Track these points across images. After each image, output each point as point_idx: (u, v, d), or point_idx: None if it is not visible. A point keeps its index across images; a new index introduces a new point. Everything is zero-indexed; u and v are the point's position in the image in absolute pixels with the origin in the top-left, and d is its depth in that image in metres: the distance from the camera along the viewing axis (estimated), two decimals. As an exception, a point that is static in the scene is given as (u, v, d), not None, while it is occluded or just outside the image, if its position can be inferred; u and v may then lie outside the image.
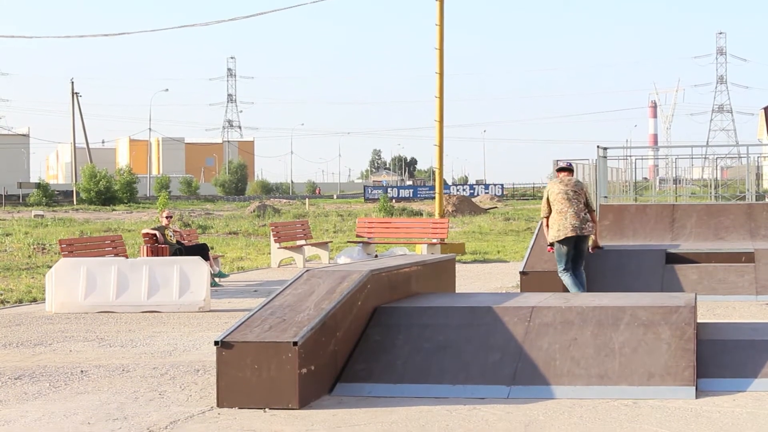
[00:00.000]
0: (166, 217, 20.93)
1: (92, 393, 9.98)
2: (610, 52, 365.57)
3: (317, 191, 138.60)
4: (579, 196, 14.60)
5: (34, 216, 53.90)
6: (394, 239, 28.31)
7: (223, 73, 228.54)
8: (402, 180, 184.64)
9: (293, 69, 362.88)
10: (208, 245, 21.93)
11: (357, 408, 9.04)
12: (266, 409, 8.95)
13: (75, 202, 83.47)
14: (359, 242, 27.20)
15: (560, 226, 14.49)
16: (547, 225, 14.71)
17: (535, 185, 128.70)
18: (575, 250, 14.69)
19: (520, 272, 16.25)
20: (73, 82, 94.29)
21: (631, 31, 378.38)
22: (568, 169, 14.94)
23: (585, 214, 14.60)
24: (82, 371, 11.14)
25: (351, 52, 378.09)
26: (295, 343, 9.03)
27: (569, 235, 14.46)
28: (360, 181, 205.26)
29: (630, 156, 40.80)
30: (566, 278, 14.64)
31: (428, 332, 10.37)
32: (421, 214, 51.68)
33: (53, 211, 65.85)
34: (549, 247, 14.96)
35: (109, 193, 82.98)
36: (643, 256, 17.88)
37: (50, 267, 18.07)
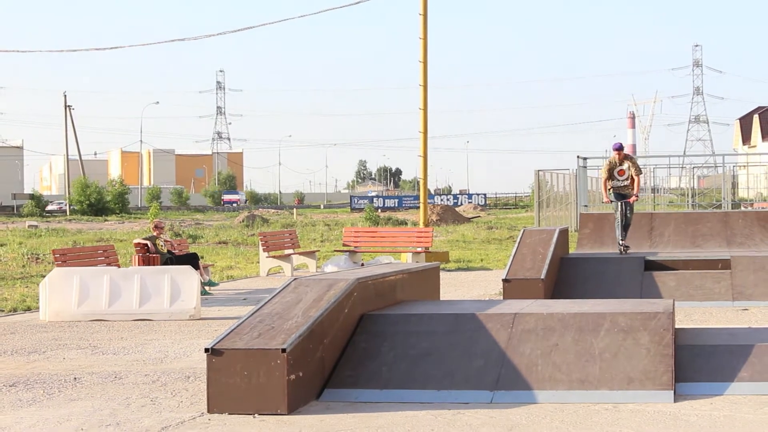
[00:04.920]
0: (157, 227, 20.89)
1: (85, 399, 9.96)
2: (590, 64, 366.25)
3: (296, 201, 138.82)
4: (627, 169, 19.03)
5: (28, 226, 53.74)
6: (379, 248, 28.29)
7: (212, 86, 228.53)
8: (388, 190, 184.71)
9: (281, 82, 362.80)
10: (198, 254, 21.89)
11: (344, 413, 9.04)
12: (255, 415, 8.94)
13: (68, 213, 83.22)
14: (346, 251, 27.17)
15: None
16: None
17: (517, 194, 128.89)
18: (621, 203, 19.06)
19: (503, 280, 16.26)
20: (65, 96, 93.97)
21: (609, 44, 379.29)
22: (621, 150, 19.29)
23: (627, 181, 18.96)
24: (75, 378, 11.12)
25: (337, 65, 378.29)
26: (283, 350, 9.02)
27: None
28: (346, 191, 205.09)
29: (609, 166, 40.68)
30: (617, 215, 18.97)
31: (413, 339, 10.37)
32: (406, 224, 51.64)
33: (47, 221, 65.69)
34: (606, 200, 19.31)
35: (101, 204, 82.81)
36: (623, 264, 17.93)
37: (44, 276, 18.02)
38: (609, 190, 19.09)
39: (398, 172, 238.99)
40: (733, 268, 17.41)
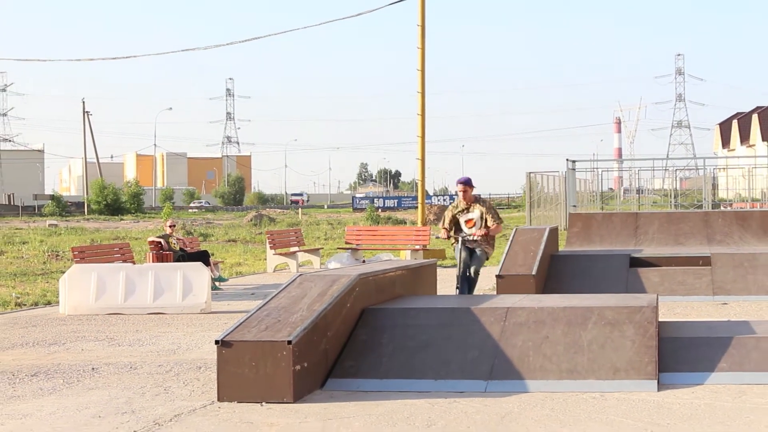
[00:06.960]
0: (170, 226, 20.89)
1: (103, 389, 9.97)
2: (578, 72, 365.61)
3: (300, 202, 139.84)
4: (480, 218, 14.51)
5: (49, 225, 53.74)
6: (380, 246, 28.30)
7: (222, 93, 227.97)
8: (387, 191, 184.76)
9: (287, 89, 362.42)
10: (209, 252, 21.90)
11: (346, 401, 9.04)
12: (263, 403, 8.94)
13: (86, 213, 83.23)
14: (348, 249, 27.18)
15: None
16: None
17: (510, 195, 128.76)
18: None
19: (496, 276, 16.28)
20: (84, 102, 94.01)
21: (597, 53, 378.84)
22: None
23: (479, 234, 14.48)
24: (93, 368, 11.12)
25: (339, 73, 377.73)
26: (289, 342, 9.03)
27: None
28: (349, 192, 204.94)
29: (597, 168, 40.88)
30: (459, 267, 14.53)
31: (411, 331, 10.37)
32: (405, 223, 51.61)
33: (66, 220, 65.67)
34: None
35: (117, 204, 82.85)
36: (609, 261, 17.93)
37: (63, 272, 18.03)
38: (452, 234, 14.49)
39: (398, 174, 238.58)
40: (713, 265, 17.42)
